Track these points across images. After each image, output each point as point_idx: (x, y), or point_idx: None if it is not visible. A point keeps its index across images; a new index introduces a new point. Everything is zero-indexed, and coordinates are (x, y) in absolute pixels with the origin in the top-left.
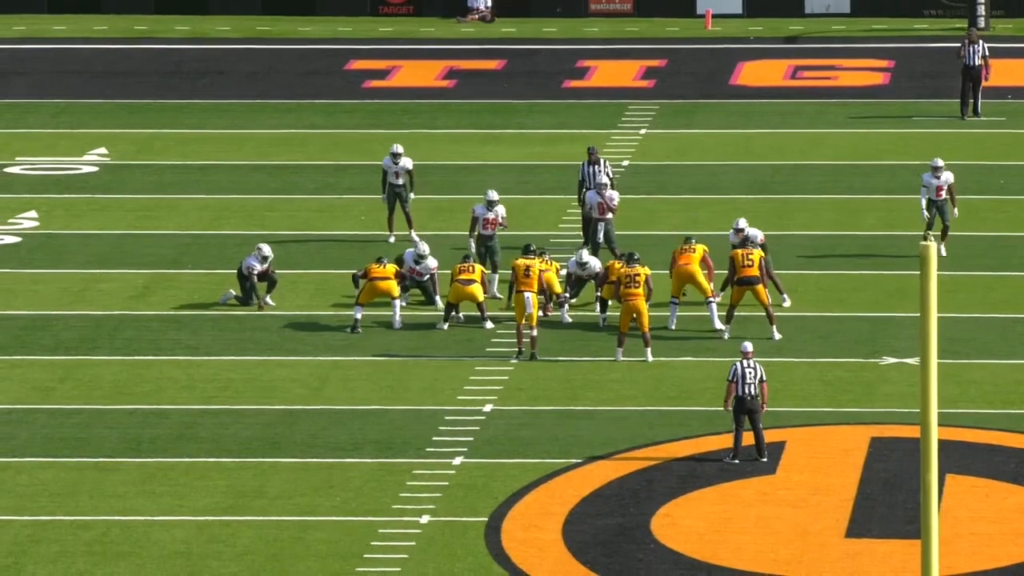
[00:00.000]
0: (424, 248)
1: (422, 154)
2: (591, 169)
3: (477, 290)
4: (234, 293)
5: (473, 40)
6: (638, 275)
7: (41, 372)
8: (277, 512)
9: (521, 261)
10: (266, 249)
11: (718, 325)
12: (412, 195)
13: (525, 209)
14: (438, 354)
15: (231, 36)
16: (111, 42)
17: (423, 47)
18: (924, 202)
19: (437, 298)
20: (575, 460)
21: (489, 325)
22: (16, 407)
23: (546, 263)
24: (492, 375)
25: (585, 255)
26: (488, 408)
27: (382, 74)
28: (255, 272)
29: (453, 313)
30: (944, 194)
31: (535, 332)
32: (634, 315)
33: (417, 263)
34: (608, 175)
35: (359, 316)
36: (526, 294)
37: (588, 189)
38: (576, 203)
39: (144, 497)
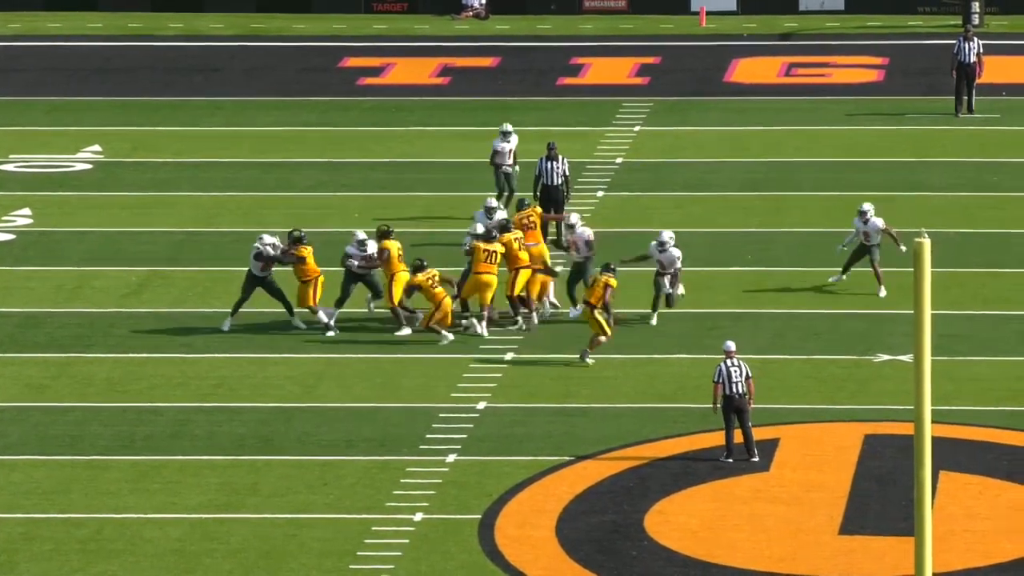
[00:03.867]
0: (361, 234)
1: (417, 152)
2: (548, 165)
3: (492, 281)
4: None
5: (467, 37)
6: (596, 281)
7: (35, 370)
8: (271, 510)
9: (482, 244)
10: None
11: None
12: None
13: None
14: (432, 352)
15: (225, 34)
16: (106, 40)
17: (417, 44)
18: (847, 240)
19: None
20: (569, 457)
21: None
22: (9, 405)
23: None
24: (486, 372)
25: (574, 218)
26: (482, 405)
27: (376, 71)
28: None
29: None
30: (875, 239)
31: (489, 312)
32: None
33: (361, 250)
34: (564, 173)
35: (323, 317)
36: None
37: (546, 184)
38: (532, 199)
39: (138, 495)
